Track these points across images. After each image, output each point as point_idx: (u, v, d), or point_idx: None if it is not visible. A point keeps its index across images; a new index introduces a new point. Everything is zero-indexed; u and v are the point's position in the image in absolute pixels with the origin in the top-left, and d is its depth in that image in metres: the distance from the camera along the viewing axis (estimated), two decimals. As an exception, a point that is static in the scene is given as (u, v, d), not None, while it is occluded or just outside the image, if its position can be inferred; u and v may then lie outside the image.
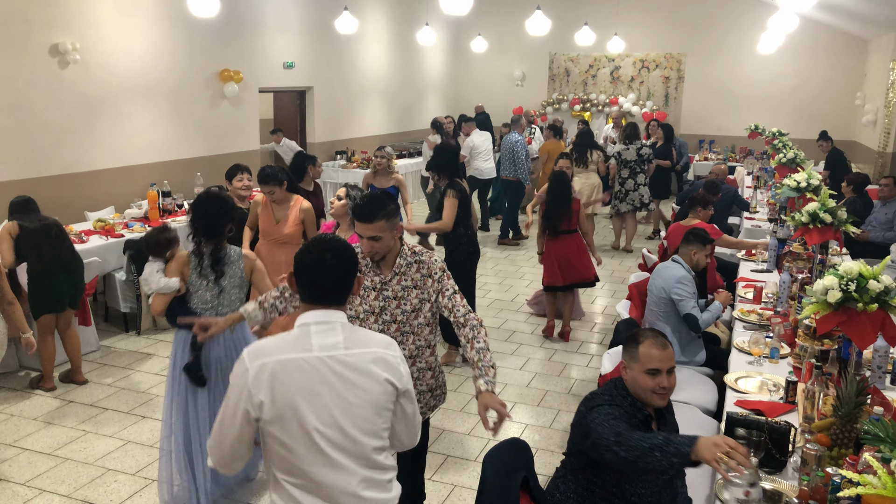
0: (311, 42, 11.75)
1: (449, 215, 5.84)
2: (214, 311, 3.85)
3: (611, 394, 2.85)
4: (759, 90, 14.65)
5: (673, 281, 4.77)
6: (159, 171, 8.70)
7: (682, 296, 4.71)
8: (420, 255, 3.30)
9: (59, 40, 7.42)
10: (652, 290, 4.96)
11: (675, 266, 4.88)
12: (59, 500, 4.10)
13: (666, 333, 4.59)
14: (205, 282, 3.83)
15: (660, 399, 2.79)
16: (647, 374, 2.77)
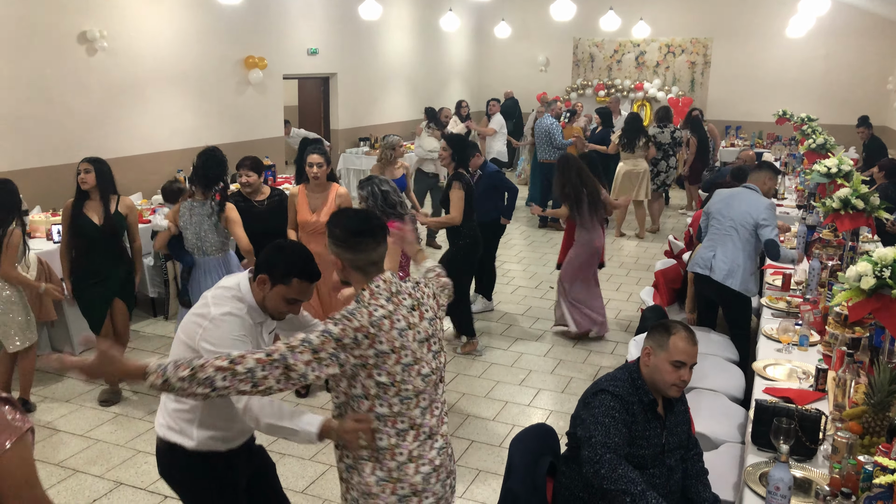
0: (334, 28, 11.75)
1: (458, 209, 5.76)
2: (200, 250, 4.94)
3: (618, 378, 2.86)
4: (787, 75, 14.40)
5: (762, 207, 4.88)
6: (186, 158, 8.76)
7: (769, 221, 4.83)
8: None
9: (87, 28, 7.49)
10: (727, 215, 4.97)
11: (755, 194, 5.00)
12: (92, 480, 4.19)
13: (740, 259, 4.85)
14: (193, 225, 4.87)
15: (676, 391, 2.80)
16: (672, 366, 2.76)
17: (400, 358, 2.33)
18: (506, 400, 5.28)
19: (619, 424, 2.72)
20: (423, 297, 2.49)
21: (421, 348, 2.40)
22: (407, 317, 2.38)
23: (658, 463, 2.82)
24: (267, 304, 2.61)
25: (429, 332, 2.45)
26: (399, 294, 2.41)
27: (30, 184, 6.86)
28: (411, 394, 2.38)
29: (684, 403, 2.98)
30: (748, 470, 2.89)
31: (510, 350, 6.20)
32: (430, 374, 2.44)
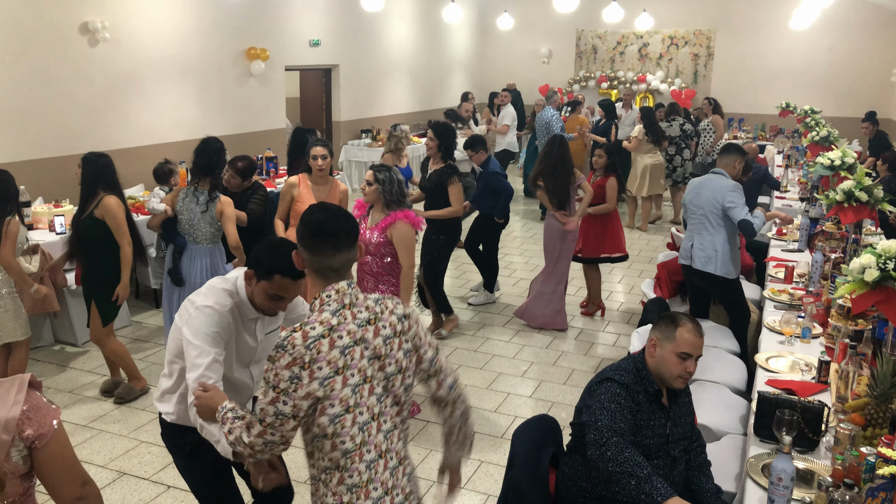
0: (337, 20, 11.71)
1: (458, 200, 5.87)
2: (191, 236, 5.08)
3: (623, 368, 2.87)
4: (791, 67, 14.35)
5: (725, 191, 4.93)
6: (188, 149, 8.70)
7: (735, 203, 4.89)
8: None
9: (88, 18, 7.47)
10: (697, 204, 5.08)
11: (720, 178, 5.04)
12: (95, 469, 4.20)
13: (717, 245, 4.93)
14: (187, 212, 5.03)
15: (681, 383, 2.80)
16: (678, 357, 2.77)
17: (347, 379, 2.09)
18: (507, 392, 5.29)
19: (624, 411, 2.73)
20: (384, 313, 2.22)
21: (372, 366, 2.15)
22: (354, 332, 2.12)
23: (662, 453, 2.82)
24: (255, 299, 2.64)
25: (382, 350, 2.17)
26: (353, 307, 2.17)
27: (32, 175, 6.87)
28: (368, 417, 2.15)
29: (688, 395, 2.98)
30: (750, 461, 2.89)
31: (512, 342, 6.20)
32: (383, 395, 2.19)
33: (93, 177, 4.70)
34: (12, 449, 1.83)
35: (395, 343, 2.22)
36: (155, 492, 4.02)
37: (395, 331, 2.23)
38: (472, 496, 4.04)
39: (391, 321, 2.23)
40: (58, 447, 1.89)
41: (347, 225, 2.22)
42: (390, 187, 4.44)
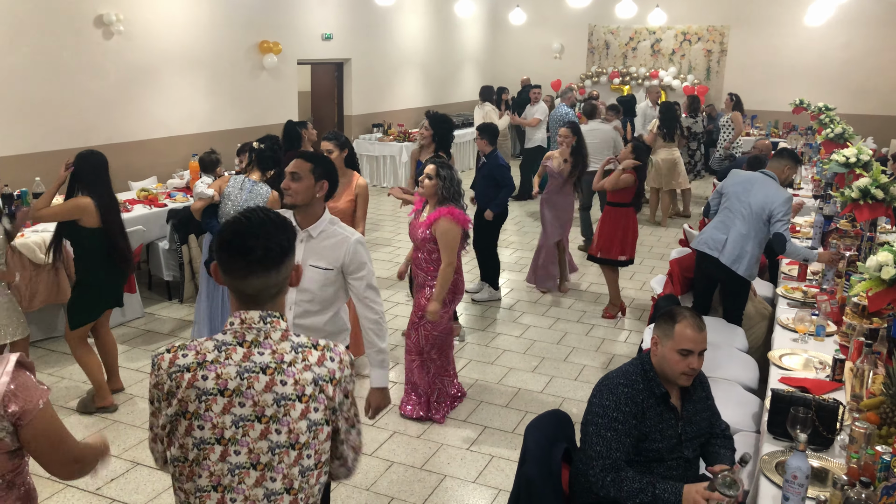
0: (349, 14, 11.71)
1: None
2: None
3: (628, 373, 2.81)
4: (805, 64, 14.25)
5: (782, 199, 4.81)
6: (201, 142, 8.79)
7: (785, 215, 4.79)
8: None
9: (103, 11, 7.50)
10: (744, 200, 4.91)
11: (773, 183, 4.92)
12: (111, 459, 4.22)
13: (749, 246, 4.85)
14: (233, 199, 5.05)
15: (686, 380, 2.77)
16: (679, 354, 2.73)
17: (191, 428, 1.76)
18: (518, 387, 5.29)
19: (621, 436, 2.70)
20: (293, 365, 1.80)
21: (242, 427, 1.76)
22: (227, 379, 1.76)
23: (675, 455, 2.80)
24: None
25: (267, 411, 1.76)
26: (255, 346, 1.80)
27: (46, 167, 6.90)
28: (205, 483, 1.78)
29: (705, 390, 2.94)
30: (764, 459, 2.88)
31: (523, 337, 6.20)
32: (243, 467, 1.77)
33: (73, 176, 4.50)
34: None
35: (294, 408, 1.78)
36: (168, 482, 4.04)
37: (302, 394, 1.79)
38: (484, 490, 4.05)
39: (302, 378, 1.80)
40: (42, 426, 1.94)
41: (268, 242, 1.81)
42: (450, 185, 4.45)
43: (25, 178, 6.48)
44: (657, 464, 2.79)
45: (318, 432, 1.83)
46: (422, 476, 4.17)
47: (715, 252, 4.96)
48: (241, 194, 5.12)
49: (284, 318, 1.88)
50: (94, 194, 4.50)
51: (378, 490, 4.00)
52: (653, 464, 2.79)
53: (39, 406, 1.93)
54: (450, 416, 4.82)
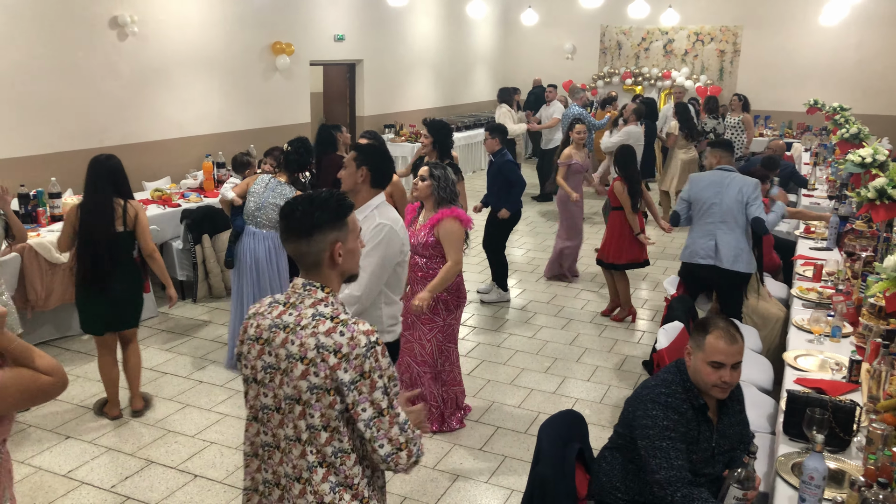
0: (361, 15, 11.73)
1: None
2: (254, 221, 5.20)
3: (669, 382, 2.76)
4: (819, 64, 14.14)
5: (751, 187, 4.94)
6: (214, 143, 8.84)
7: (758, 199, 4.89)
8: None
9: (118, 13, 7.54)
10: (718, 202, 5.00)
11: (738, 175, 5.07)
12: (124, 458, 4.26)
13: (741, 242, 4.93)
14: (257, 197, 5.15)
15: (720, 392, 2.69)
16: (710, 367, 2.67)
17: (244, 367, 2.13)
18: (531, 387, 5.28)
19: (676, 444, 2.64)
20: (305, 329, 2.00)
21: (266, 374, 2.05)
22: (263, 330, 2.06)
23: (707, 469, 2.76)
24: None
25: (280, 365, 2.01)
26: (291, 307, 2.06)
27: (61, 167, 6.96)
28: (250, 415, 2.14)
29: (740, 403, 2.89)
30: (780, 460, 2.86)
31: (535, 338, 6.19)
32: (270, 407, 2.06)
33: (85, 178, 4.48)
34: None
35: (297, 368, 1.98)
36: (182, 480, 4.06)
37: (303, 356, 1.97)
38: (496, 491, 4.05)
39: (306, 342, 1.98)
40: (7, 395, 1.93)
41: (304, 213, 2.07)
42: (444, 184, 4.41)
43: (42, 179, 6.53)
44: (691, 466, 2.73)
45: (320, 396, 1.97)
46: (434, 476, 4.17)
47: (710, 260, 5.00)
48: (264, 192, 5.18)
49: (328, 290, 2.08)
50: (83, 198, 4.47)
51: (391, 490, 4.00)
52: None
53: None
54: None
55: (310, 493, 2.02)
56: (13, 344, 2.00)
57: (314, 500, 2.02)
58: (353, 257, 2.17)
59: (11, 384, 1.95)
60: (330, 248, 2.08)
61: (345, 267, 2.15)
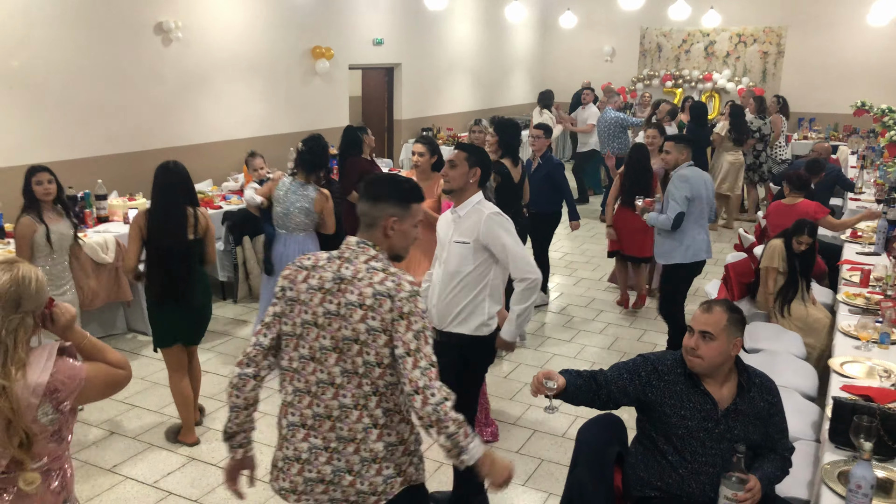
0: (400, 19, 11.80)
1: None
2: (283, 225, 5.21)
3: (666, 352, 2.98)
4: (867, 65, 13.79)
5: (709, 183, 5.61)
6: (254, 146, 8.95)
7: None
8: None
9: (162, 19, 7.70)
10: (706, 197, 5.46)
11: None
12: (166, 454, 4.34)
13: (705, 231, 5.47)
14: (284, 202, 5.13)
15: (689, 361, 2.79)
16: (688, 332, 2.82)
17: (301, 312, 2.34)
18: (568, 391, 5.24)
19: (623, 372, 2.88)
20: (361, 281, 2.28)
21: (326, 319, 2.29)
22: (324, 281, 2.31)
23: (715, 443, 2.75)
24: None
25: (341, 311, 2.27)
26: (346, 261, 2.34)
27: (107, 170, 7.12)
28: (306, 353, 2.34)
29: (765, 400, 2.82)
30: (826, 468, 2.80)
31: (573, 342, 6.14)
32: (327, 349, 2.30)
33: (153, 186, 4.33)
34: (39, 411, 2.02)
35: (356, 313, 2.26)
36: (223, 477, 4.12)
37: (362, 303, 2.25)
38: (533, 494, 4.02)
39: (364, 292, 2.26)
40: (89, 391, 2.16)
41: (378, 185, 2.44)
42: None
43: (88, 181, 6.69)
44: (695, 448, 2.76)
45: (376, 337, 2.25)
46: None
47: (708, 254, 5.54)
48: (287, 196, 5.18)
49: (378, 248, 2.37)
50: (152, 206, 4.33)
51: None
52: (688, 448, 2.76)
53: (83, 382, 2.11)
54: (499, 420, 4.80)
55: (366, 417, 2.30)
56: (85, 340, 2.21)
57: (369, 423, 2.30)
58: (403, 238, 2.42)
59: (94, 377, 2.15)
60: (386, 219, 2.36)
61: (393, 242, 2.40)
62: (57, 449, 2.11)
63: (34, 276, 2.07)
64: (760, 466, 2.78)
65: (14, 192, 5.83)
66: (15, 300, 2.01)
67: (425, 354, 2.23)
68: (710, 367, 2.76)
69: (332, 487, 2.33)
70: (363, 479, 2.31)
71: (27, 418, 1.99)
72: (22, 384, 1.98)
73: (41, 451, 2.06)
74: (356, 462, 2.31)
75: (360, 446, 2.30)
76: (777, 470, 2.82)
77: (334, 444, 2.32)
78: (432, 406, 2.18)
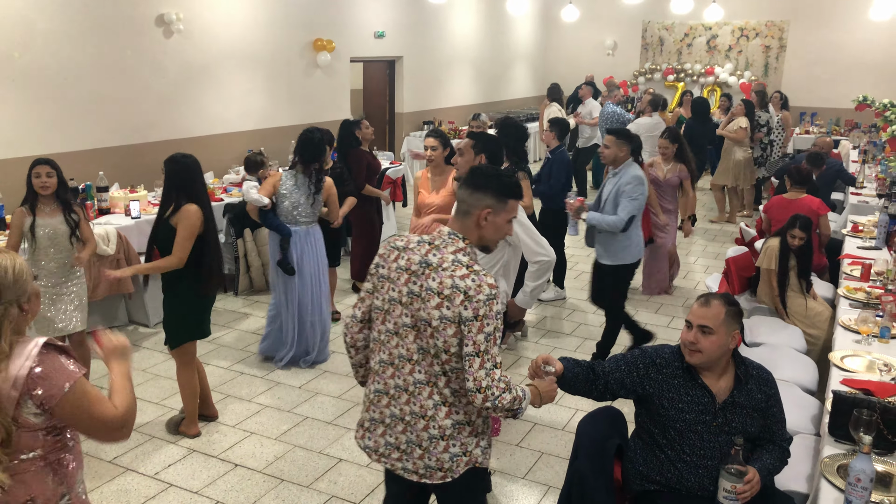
0: (401, 11, 11.78)
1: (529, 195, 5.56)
2: (293, 219, 5.24)
3: (666, 345, 2.97)
4: (869, 60, 13.77)
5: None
6: (256, 139, 8.96)
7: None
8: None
9: (164, 11, 7.69)
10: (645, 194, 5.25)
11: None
12: (167, 445, 4.35)
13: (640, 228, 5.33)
14: (290, 196, 5.18)
15: (688, 354, 2.80)
16: (686, 326, 2.82)
17: (389, 290, 2.49)
18: (569, 384, 5.25)
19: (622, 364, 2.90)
20: (445, 271, 2.37)
21: (410, 298, 2.42)
22: (411, 263, 2.43)
23: (713, 436, 2.76)
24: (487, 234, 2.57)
25: (420, 293, 2.39)
26: (436, 248, 2.45)
27: (109, 161, 7.12)
28: (391, 327, 2.49)
29: (762, 392, 2.83)
30: (825, 461, 2.80)
31: (573, 335, 6.15)
32: (403, 327, 2.45)
33: (168, 180, 4.21)
34: (24, 409, 1.95)
35: (433, 299, 2.37)
36: (222, 469, 4.14)
37: (440, 292, 2.36)
38: (534, 487, 4.04)
39: (444, 282, 2.36)
40: (70, 409, 1.99)
41: (483, 175, 2.52)
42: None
43: (90, 173, 6.70)
44: (693, 441, 2.77)
45: (446, 326, 2.36)
46: (471, 470, 4.17)
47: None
48: (295, 189, 5.22)
49: (468, 242, 2.46)
50: (198, 200, 4.15)
51: (428, 483, 4.02)
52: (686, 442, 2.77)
53: (64, 390, 1.96)
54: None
55: (436, 394, 2.44)
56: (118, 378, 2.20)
57: (439, 399, 2.44)
58: (494, 231, 2.49)
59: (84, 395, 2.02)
60: (481, 209, 2.44)
61: (484, 233, 2.48)
62: (54, 441, 2.05)
63: (11, 265, 1.98)
64: (759, 458, 2.79)
65: (15, 184, 5.85)
66: None
67: (492, 356, 2.34)
68: (708, 360, 2.77)
69: (405, 457, 2.51)
70: (430, 455, 2.47)
71: (8, 412, 1.92)
72: (3, 376, 1.92)
73: (32, 444, 2.00)
74: (425, 438, 2.46)
75: (429, 423, 2.45)
76: (776, 461, 2.83)
77: (408, 418, 2.48)
78: (491, 402, 2.34)
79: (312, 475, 4.10)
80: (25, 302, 2.01)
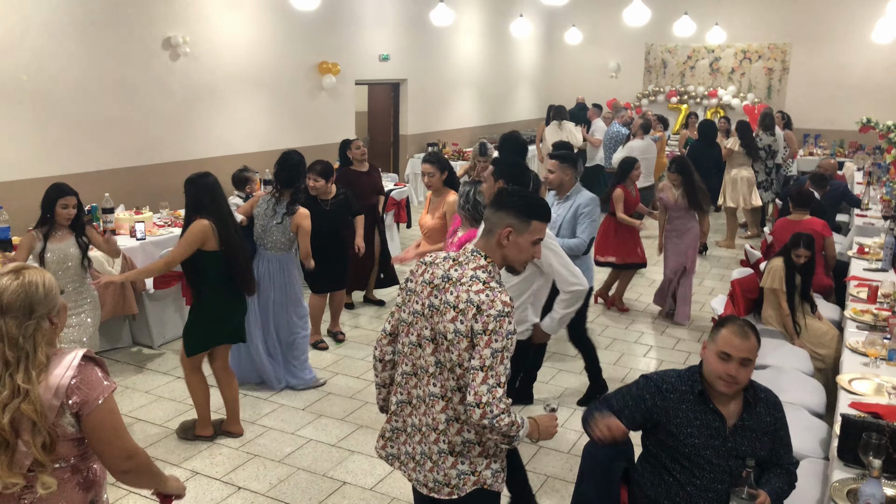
0: (406, 34, 11.87)
1: None
2: (262, 243, 5.21)
3: (671, 370, 2.93)
4: (872, 82, 13.82)
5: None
6: (261, 160, 8.99)
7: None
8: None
9: (171, 34, 7.76)
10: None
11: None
12: (169, 468, 4.32)
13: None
14: (262, 219, 5.17)
15: (724, 385, 2.74)
16: (719, 358, 2.73)
17: (412, 302, 2.56)
18: (574, 407, 5.22)
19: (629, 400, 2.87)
20: (462, 286, 2.40)
21: (430, 311, 2.47)
22: (434, 277, 2.49)
23: (723, 461, 2.73)
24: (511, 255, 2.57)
25: (440, 307, 2.42)
26: (458, 265, 2.48)
27: (115, 183, 7.15)
28: (414, 339, 2.53)
29: (771, 415, 2.81)
30: (835, 486, 2.77)
31: (578, 357, 6.11)
32: (422, 340, 2.50)
33: (190, 199, 4.33)
34: (62, 416, 2.03)
35: (449, 312, 2.40)
36: (226, 492, 4.10)
37: (456, 305, 2.39)
38: (538, 511, 3.99)
39: (460, 296, 2.39)
40: (99, 420, 2.06)
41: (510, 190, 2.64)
42: (465, 203, 4.19)
43: (96, 194, 6.71)
44: (702, 465, 2.73)
45: (460, 340, 2.37)
46: (476, 494, 4.13)
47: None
48: (268, 214, 5.19)
49: (490, 260, 2.48)
50: (211, 216, 4.27)
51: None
52: (696, 466, 2.74)
53: (98, 402, 2.05)
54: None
55: (450, 409, 2.47)
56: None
57: (452, 415, 2.46)
58: (517, 251, 2.50)
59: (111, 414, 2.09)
60: (503, 228, 2.47)
61: (507, 253, 2.51)
62: (84, 450, 2.13)
63: (41, 280, 2.07)
64: (768, 481, 2.76)
65: (23, 205, 5.88)
66: (27, 307, 2.02)
67: (497, 374, 2.33)
68: (740, 388, 2.77)
69: (418, 468, 2.56)
70: (439, 469, 2.50)
71: (50, 419, 2.01)
72: (44, 386, 2.00)
73: (67, 453, 2.08)
74: (435, 451, 2.50)
75: (440, 437, 2.48)
76: (784, 484, 2.80)
77: (424, 429, 2.53)
78: (489, 420, 2.33)
79: (316, 498, 4.07)
80: (55, 315, 2.10)
